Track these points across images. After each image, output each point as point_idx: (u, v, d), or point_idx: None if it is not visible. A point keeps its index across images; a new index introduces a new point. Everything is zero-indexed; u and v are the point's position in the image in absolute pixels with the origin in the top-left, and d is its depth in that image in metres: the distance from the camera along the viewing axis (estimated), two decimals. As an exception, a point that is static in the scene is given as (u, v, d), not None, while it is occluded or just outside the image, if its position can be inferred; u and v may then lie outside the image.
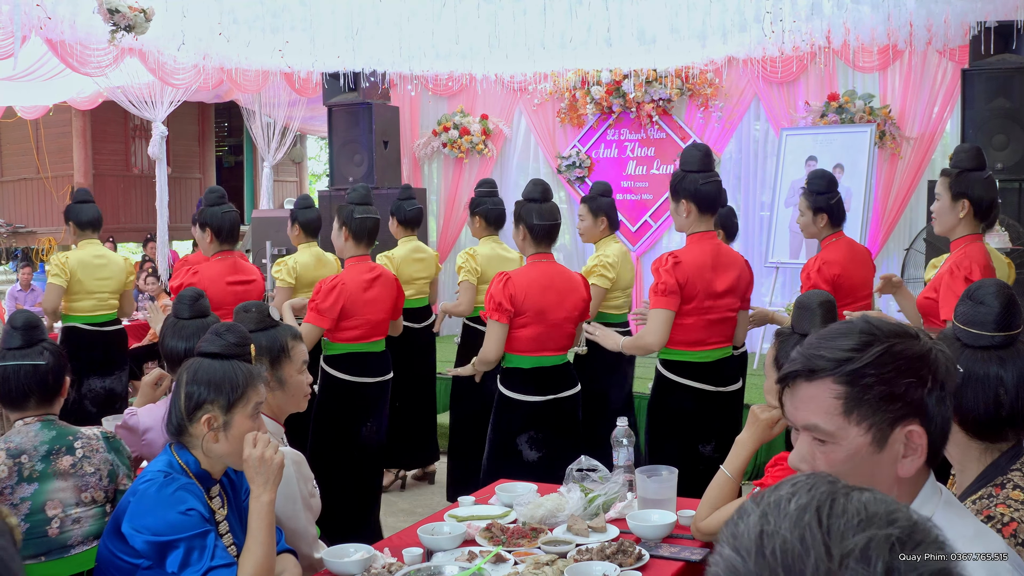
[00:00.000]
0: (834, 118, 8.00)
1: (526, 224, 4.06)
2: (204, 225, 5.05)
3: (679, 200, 3.84)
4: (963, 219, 3.69)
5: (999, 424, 1.86)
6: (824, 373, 1.40)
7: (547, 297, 3.98)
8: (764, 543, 0.77)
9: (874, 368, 1.38)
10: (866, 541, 0.76)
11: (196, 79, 8.31)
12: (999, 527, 1.70)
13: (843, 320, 1.48)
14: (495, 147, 9.65)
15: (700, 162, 3.82)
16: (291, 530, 2.61)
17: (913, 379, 1.39)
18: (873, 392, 1.38)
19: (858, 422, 1.39)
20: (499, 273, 4.06)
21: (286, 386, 2.89)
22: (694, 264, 3.75)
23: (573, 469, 3.07)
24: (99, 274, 5.69)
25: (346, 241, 4.66)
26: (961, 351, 1.90)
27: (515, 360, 4.01)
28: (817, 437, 1.42)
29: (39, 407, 2.74)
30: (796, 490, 0.82)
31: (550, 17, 6.41)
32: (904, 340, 1.40)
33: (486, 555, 2.50)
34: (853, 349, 1.39)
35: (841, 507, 0.80)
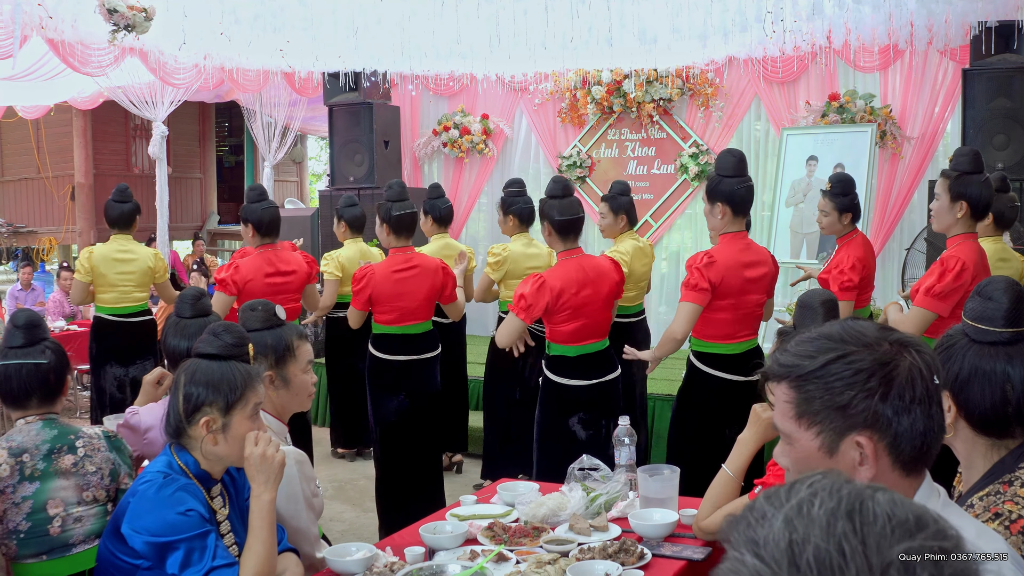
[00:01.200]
0: (835, 118, 8.00)
1: (550, 221, 4.24)
2: (246, 221, 5.38)
3: (715, 203, 4.07)
4: (960, 219, 3.87)
5: (1006, 421, 1.86)
6: (779, 377, 1.44)
7: (584, 293, 4.17)
8: (796, 552, 0.74)
9: (818, 378, 1.39)
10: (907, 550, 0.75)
11: (197, 79, 8.31)
12: (1007, 524, 1.70)
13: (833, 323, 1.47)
14: (496, 147, 9.65)
15: (735, 167, 4.05)
16: (293, 529, 2.60)
17: (859, 391, 1.37)
18: (817, 402, 1.39)
19: (807, 427, 1.41)
20: (534, 275, 4.23)
21: (290, 385, 2.89)
22: (727, 263, 3.98)
23: (575, 468, 3.07)
24: (121, 268, 6.02)
25: (388, 235, 5.02)
26: (969, 346, 1.91)
27: (560, 349, 4.23)
28: (783, 438, 1.47)
29: (41, 406, 2.74)
30: (816, 491, 0.80)
31: (551, 17, 6.42)
32: (864, 350, 1.38)
33: (488, 554, 2.50)
34: (806, 355, 1.41)
35: (871, 512, 0.77)
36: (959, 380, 1.88)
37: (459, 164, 9.71)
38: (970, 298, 1.99)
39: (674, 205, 8.95)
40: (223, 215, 15.44)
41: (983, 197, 3.86)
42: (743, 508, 0.83)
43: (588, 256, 4.34)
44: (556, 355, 4.24)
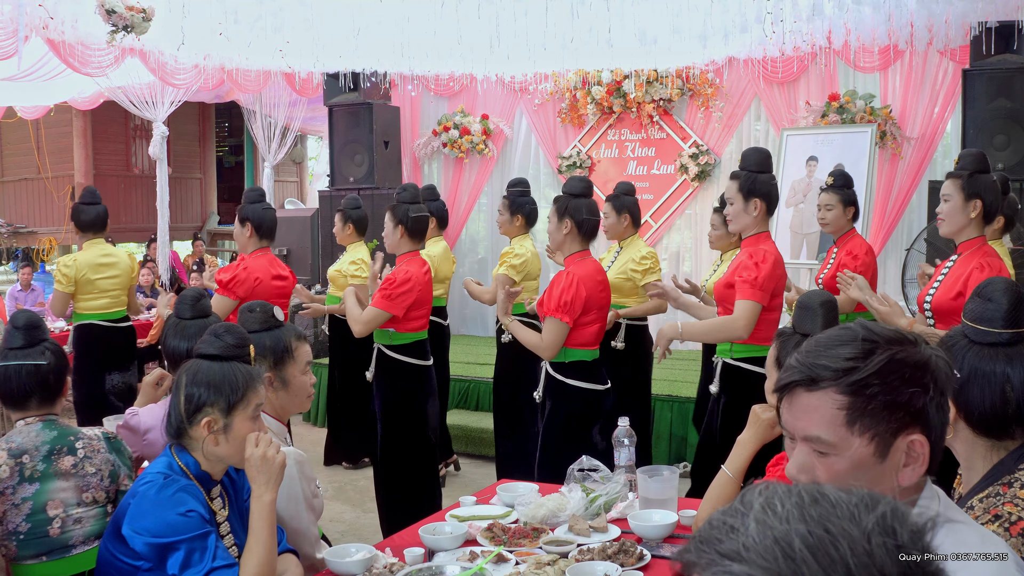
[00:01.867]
0: (835, 118, 8.00)
1: (575, 219, 4.08)
2: (245, 220, 5.20)
3: (750, 199, 3.93)
4: (974, 220, 3.72)
5: (1006, 421, 1.86)
6: (826, 383, 1.36)
7: (604, 293, 4.13)
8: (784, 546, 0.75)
9: (878, 377, 1.34)
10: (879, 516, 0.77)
11: (197, 79, 8.31)
12: (1007, 526, 1.70)
13: (841, 325, 1.45)
14: (496, 147, 9.65)
15: (763, 163, 3.97)
16: (293, 530, 2.60)
17: (917, 387, 1.36)
18: (877, 402, 1.35)
19: (861, 432, 1.36)
20: (563, 274, 4.07)
21: (289, 386, 2.89)
22: (779, 261, 3.90)
23: (574, 469, 3.07)
24: (108, 272, 5.85)
25: (401, 238, 4.78)
26: (969, 347, 1.91)
27: (579, 354, 4.08)
28: (818, 449, 1.38)
29: (40, 407, 2.74)
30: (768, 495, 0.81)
31: (551, 17, 6.42)
32: (905, 347, 1.37)
33: (487, 555, 2.50)
34: (856, 358, 1.35)
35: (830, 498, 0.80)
36: (959, 381, 1.88)
37: (459, 164, 9.71)
38: (970, 299, 1.99)
39: (674, 205, 8.95)
40: (223, 215, 15.43)
41: (996, 198, 3.76)
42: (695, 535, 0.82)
43: (595, 260, 4.26)
44: (575, 361, 4.07)
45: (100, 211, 5.90)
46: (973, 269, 3.63)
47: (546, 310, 4.03)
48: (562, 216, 4.11)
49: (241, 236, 5.28)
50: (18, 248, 13.69)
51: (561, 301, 3.96)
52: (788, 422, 1.42)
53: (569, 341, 4.06)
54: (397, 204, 4.84)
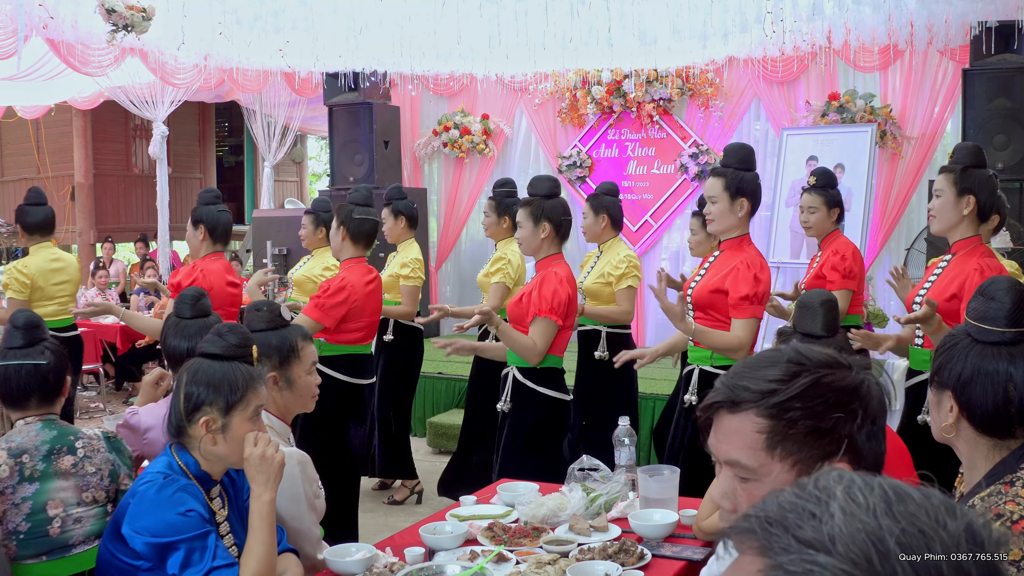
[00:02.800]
0: (835, 118, 8.00)
1: (553, 221, 3.92)
2: (198, 223, 4.94)
3: (737, 199, 3.71)
4: (967, 217, 3.55)
5: (1008, 421, 1.86)
6: (747, 405, 1.31)
7: (576, 299, 3.99)
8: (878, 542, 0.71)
9: (799, 401, 1.29)
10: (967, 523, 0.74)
11: (197, 79, 8.31)
12: (1008, 525, 1.69)
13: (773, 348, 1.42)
14: (496, 147, 9.65)
15: (747, 160, 3.75)
16: (294, 530, 2.60)
17: (842, 413, 1.30)
18: (799, 427, 1.29)
19: (782, 458, 1.30)
20: (554, 274, 3.90)
21: (294, 386, 2.89)
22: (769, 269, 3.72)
23: (575, 468, 3.07)
24: (57, 278, 5.56)
25: (343, 241, 4.54)
26: (972, 346, 1.90)
27: (551, 360, 3.92)
28: (739, 474, 1.33)
29: (40, 407, 2.74)
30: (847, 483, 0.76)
31: (551, 17, 6.42)
32: (835, 371, 1.32)
33: (488, 554, 2.50)
34: (779, 380, 1.30)
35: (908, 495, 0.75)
36: (961, 380, 1.88)
37: (459, 164, 9.71)
38: (973, 298, 1.99)
39: (674, 205, 8.95)
40: (223, 215, 15.41)
41: (991, 194, 3.56)
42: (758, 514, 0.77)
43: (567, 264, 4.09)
44: (551, 368, 3.90)
45: (47, 212, 5.61)
46: (971, 271, 3.49)
47: (539, 310, 3.83)
48: (538, 220, 3.92)
49: (194, 239, 4.98)
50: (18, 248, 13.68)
51: (555, 302, 3.81)
52: (712, 444, 1.36)
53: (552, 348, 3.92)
54: (343, 204, 4.58)
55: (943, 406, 1.92)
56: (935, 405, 1.96)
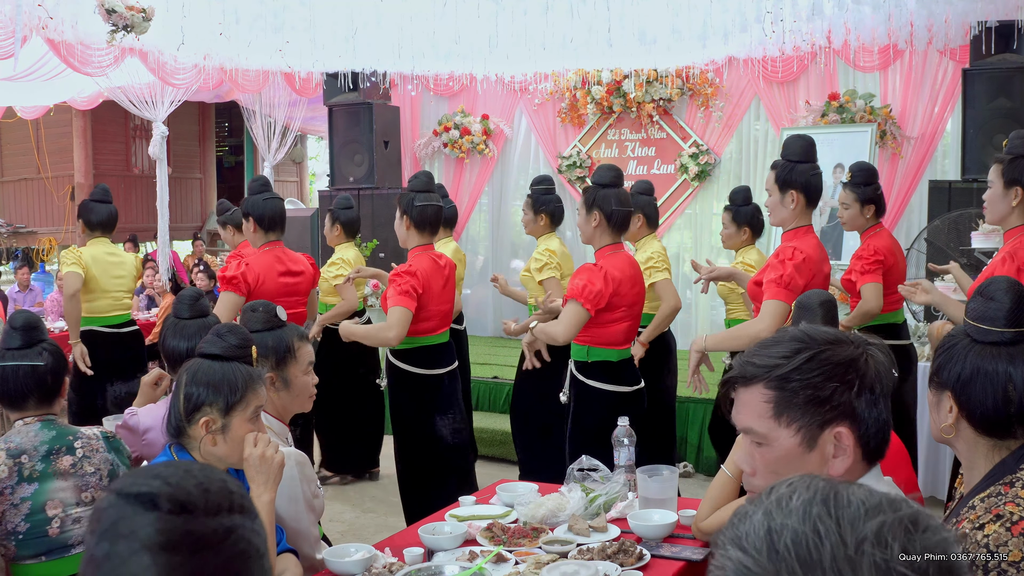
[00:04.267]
0: (835, 118, 8.00)
1: (604, 211, 3.89)
2: (247, 214, 4.91)
3: (787, 191, 3.64)
4: (1016, 207, 3.49)
5: (1008, 421, 1.85)
6: (756, 379, 1.51)
7: (636, 290, 3.95)
8: (774, 539, 0.78)
9: (800, 373, 1.48)
10: (879, 525, 0.78)
11: (196, 79, 8.30)
12: (1008, 525, 1.69)
13: (781, 328, 1.60)
14: (496, 147, 9.65)
15: (805, 153, 3.68)
16: (293, 531, 2.60)
17: (838, 383, 1.48)
18: (800, 396, 1.48)
19: (787, 424, 1.49)
20: (588, 265, 3.91)
21: (291, 386, 2.89)
22: (815, 260, 3.62)
23: (574, 469, 3.06)
24: (114, 272, 5.49)
25: (408, 230, 4.43)
26: (971, 347, 1.90)
27: (603, 354, 3.91)
28: (754, 440, 1.53)
29: (39, 407, 2.74)
30: (794, 488, 0.84)
31: (551, 17, 6.42)
32: (834, 347, 1.49)
33: (487, 555, 2.50)
34: (783, 356, 1.49)
35: (845, 498, 0.81)
36: (961, 380, 1.88)
37: (459, 164, 9.71)
38: (971, 298, 1.98)
39: (674, 205, 8.95)
40: (223, 215, 15.42)
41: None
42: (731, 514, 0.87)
43: (629, 255, 4.05)
44: (600, 361, 3.89)
45: (111, 211, 5.56)
46: (997, 262, 3.49)
47: (568, 293, 3.85)
48: (591, 208, 3.91)
49: (247, 232, 5.00)
50: (18, 248, 13.69)
51: (585, 289, 3.78)
52: (733, 416, 1.56)
53: (593, 339, 3.90)
54: (404, 192, 4.49)
55: (942, 406, 1.92)
56: (934, 405, 1.95)
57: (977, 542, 1.68)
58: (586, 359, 3.93)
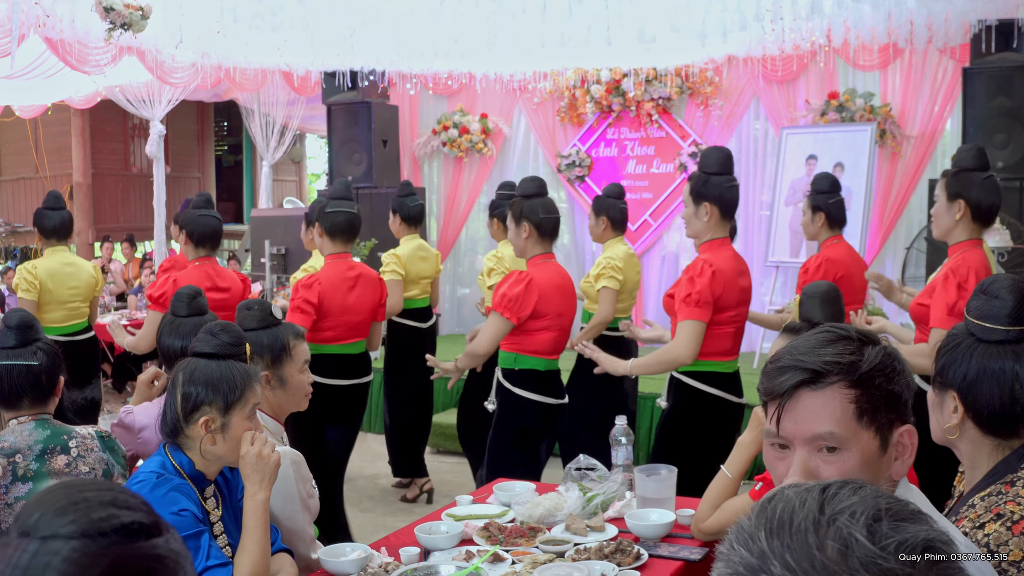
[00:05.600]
0: (834, 117, 7.99)
1: (532, 221, 3.93)
2: (181, 228, 4.97)
3: (700, 203, 3.63)
4: (960, 221, 3.50)
5: (1014, 420, 1.84)
6: (833, 377, 1.37)
7: (564, 300, 3.96)
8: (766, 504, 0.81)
9: (879, 370, 1.38)
10: (856, 502, 0.79)
11: (194, 78, 8.28)
12: (1008, 525, 1.68)
13: (815, 329, 1.46)
14: (495, 146, 9.64)
15: (722, 164, 3.67)
16: (289, 530, 2.59)
17: (906, 379, 1.42)
18: (879, 394, 1.38)
19: (868, 426, 1.38)
20: (518, 272, 3.95)
21: (287, 385, 2.88)
22: (728, 272, 3.60)
23: (572, 468, 3.05)
24: (69, 283, 5.49)
25: (320, 238, 4.50)
26: (975, 346, 1.88)
27: (531, 362, 3.94)
28: (828, 446, 1.38)
29: (33, 407, 2.72)
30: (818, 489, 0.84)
31: (549, 16, 6.40)
32: (880, 343, 1.42)
33: (483, 554, 2.48)
34: (852, 353, 1.38)
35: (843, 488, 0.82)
36: (967, 380, 1.86)
37: (458, 164, 9.70)
38: (974, 296, 1.97)
39: (673, 204, 8.94)
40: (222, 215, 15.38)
41: (986, 198, 3.48)
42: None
43: (560, 265, 4.08)
44: (525, 369, 3.91)
45: (64, 217, 5.50)
46: (939, 279, 3.48)
47: (492, 304, 3.93)
48: (519, 220, 3.95)
49: (180, 243, 4.98)
50: (16, 247, 13.68)
51: (504, 298, 3.84)
52: (789, 428, 1.39)
53: (520, 347, 3.94)
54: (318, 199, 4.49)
55: (946, 407, 1.90)
56: (936, 406, 1.93)
57: (977, 541, 1.67)
58: (513, 367, 3.97)
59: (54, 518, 0.89)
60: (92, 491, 0.92)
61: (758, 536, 0.78)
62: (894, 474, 1.42)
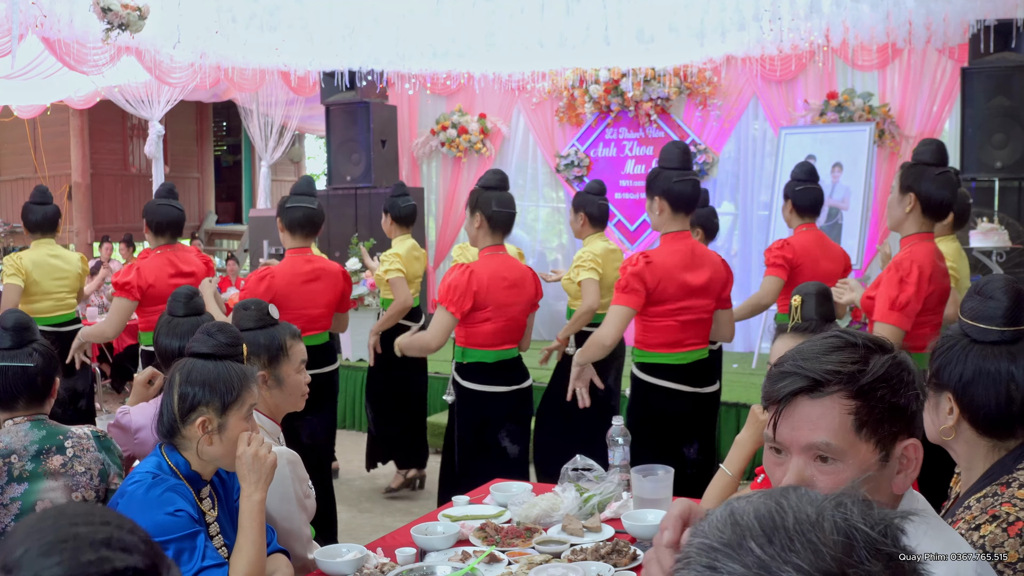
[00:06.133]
0: (833, 116, 7.99)
1: (484, 213, 4.02)
2: (144, 217, 5.14)
3: (652, 197, 3.77)
4: (909, 214, 3.51)
5: (1010, 421, 1.84)
6: (833, 387, 1.34)
7: (509, 292, 4.01)
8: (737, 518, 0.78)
9: (884, 381, 1.34)
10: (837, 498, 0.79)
11: (193, 78, 8.28)
12: (1004, 526, 1.67)
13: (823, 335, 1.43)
14: (493, 146, 9.63)
15: (678, 159, 3.75)
16: (285, 530, 2.58)
17: (914, 391, 1.37)
18: (881, 406, 1.34)
19: (867, 438, 1.35)
20: (459, 265, 4.05)
21: (284, 385, 2.87)
22: (666, 265, 3.70)
23: (568, 468, 3.04)
24: (56, 274, 5.55)
25: (281, 232, 4.58)
26: (971, 347, 1.88)
27: (478, 355, 4.02)
28: (822, 455, 1.35)
29: (28, 408, 2.71)
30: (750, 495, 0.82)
31: (548, 15, 6.39)
32: (892, 352, 1.38)
33: (480, 555, 2.48)
34: (856, 362, 1.35)
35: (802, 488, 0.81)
36: (963, 382, 1.86)
37: (457, 163, 9.70)
38: (968, 297, 1.96)
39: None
40: (221, 215, 15.43)
41: (936, 193, 3.47)
42: None
43: (512, 257, 4.16)
44: (472, 362, 4.02)
45: (47, 211, 5.58)
46: (884, 273, 3.53)
47: (437, 298, 4.05)
48: (473, 210, 4.06)
49: (145, 233, 5.19)
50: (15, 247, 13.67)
51: (448, 290, 3.92)
52: (786, 434, 1.37)
53: (467, 340, 4.02)
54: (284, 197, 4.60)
55: (941, 408, 1.89)
56: (932, 407, 1.93)
57: (973, 543, 1.66)
58: (462, 360, 4.06)
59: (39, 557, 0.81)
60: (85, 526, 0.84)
61: (746, 546, 0.75)
62: (895, 488, 1.39)
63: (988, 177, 6.68)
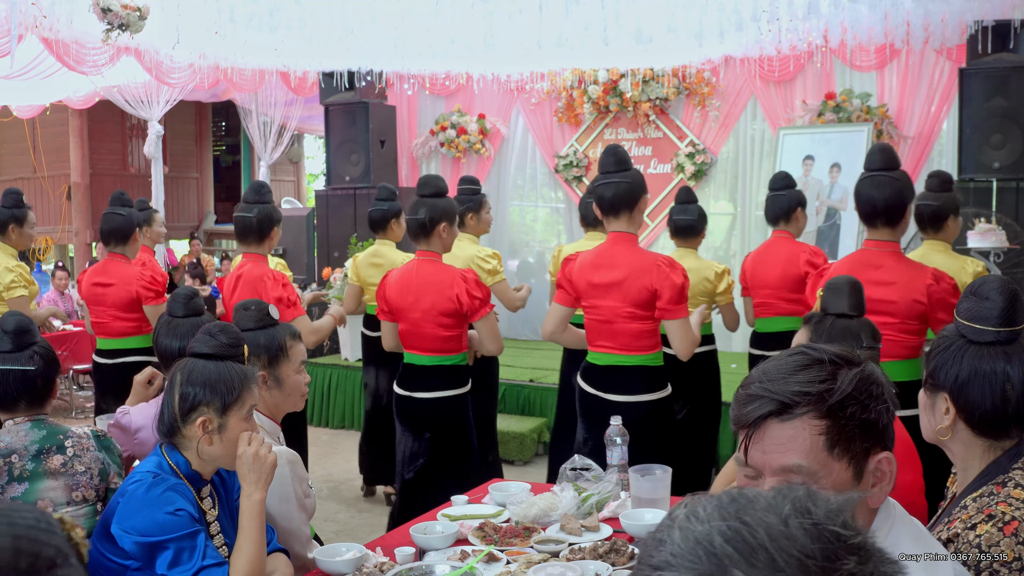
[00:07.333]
0: (831, 117, 7.99)
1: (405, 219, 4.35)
2: None
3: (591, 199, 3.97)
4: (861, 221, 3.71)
5: (1005, 421, 1.85)
6: (802, 409, 1.31)
7: (405, 298, 4.07)
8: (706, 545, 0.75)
9: (853, 398, 1.32)
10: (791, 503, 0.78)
11: (192, 78, 8.29)
12: (1000, 526, 1.68)
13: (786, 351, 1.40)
14: (492, 147, 9.64)
15: (612, 164, 3.73)
16: (285, 530, 2.59)
17: (883, 404, 1.36)
18: (852, 423, 1.32)
19: (839, 457, 1.32)
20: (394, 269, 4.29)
21: (283, 385, 2.88)
22: (581, 263, 3.77)
23: (567, 468, 3.05)
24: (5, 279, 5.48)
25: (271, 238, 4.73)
26: (966, 347, 1.89)
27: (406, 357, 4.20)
28: (795, 476, 1.32)
29: (28, 410, 2.72)
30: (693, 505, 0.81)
31: (546, 16, 6.40)
32: (860, 364, 1.36)
33: (478, 554, 2.49)
34: (823, 380, 1.32)
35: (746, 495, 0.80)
36: (959, 382, 1.87)
37: (456, 164, 9.71)
38: (963, 298, 1.97)
39: (670, 205, 8.93)
40: (220, 215, 15.43)
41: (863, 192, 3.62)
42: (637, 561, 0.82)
43: (430, 264, 4.07)
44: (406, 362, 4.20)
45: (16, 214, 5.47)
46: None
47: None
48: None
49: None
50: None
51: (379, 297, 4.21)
52: (757, 458, 1.34)
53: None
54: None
55: (937, 408, 1.90)
56: (927, 408, 1.94)
57: (969, 542, 1.67)
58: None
59: None
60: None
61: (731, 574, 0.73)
62: (871, 502, 1.38)
63: (986, 178, 6.69)
